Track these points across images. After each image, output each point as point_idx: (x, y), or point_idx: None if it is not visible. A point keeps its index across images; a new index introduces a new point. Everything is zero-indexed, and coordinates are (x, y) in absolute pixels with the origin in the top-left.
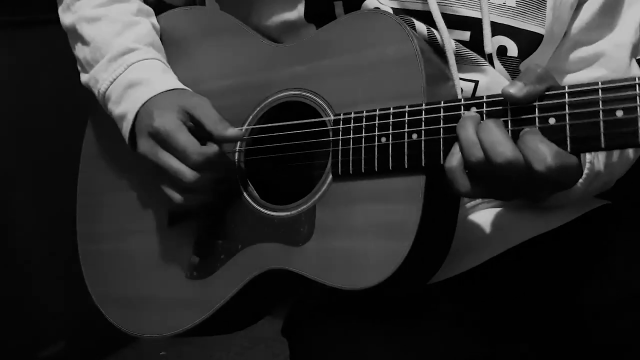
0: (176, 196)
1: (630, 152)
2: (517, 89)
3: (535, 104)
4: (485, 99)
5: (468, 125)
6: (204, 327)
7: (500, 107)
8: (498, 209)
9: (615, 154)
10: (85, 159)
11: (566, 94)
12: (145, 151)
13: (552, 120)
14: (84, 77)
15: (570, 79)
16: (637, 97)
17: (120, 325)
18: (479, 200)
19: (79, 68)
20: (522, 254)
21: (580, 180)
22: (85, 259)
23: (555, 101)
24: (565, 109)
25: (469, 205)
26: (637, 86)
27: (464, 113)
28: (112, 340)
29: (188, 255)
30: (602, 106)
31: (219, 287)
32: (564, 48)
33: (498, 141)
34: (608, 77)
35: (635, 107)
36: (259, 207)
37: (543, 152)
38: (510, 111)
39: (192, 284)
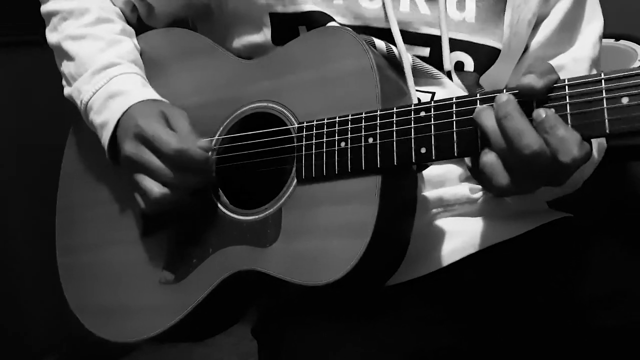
0: (155, 191)
1: (595, 154)
2: (534, 80)
3: (477, 106)
4: (432, 103)
5: (490, 112)
6: (177, 330)
7: (447, 110)
8: (460, 217)
9: None
10: (63, 177)
11: (566, 87)
12: (130, 151)
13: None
14: (67, 90)
15: None
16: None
17: (98, 333)
18: (441, 209)
19: (64, 83)
20: (488, 257)
21: None
22: (63, 271)
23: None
24: (566, 99)
25: (434, 211)
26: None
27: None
28: (104, 354)
29: (161, 262)
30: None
31: (191, 291)
32: (525, 63)
33: (522, 130)
34: None
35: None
36: (228, 212)
37: (568, 143)
38: (455, 113)
39: (165, 289)
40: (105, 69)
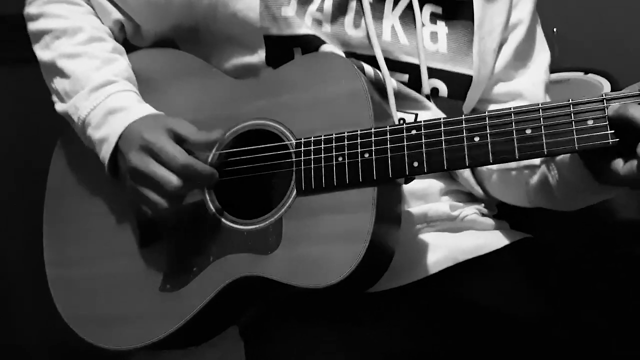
0: (161, 200)
1: None
2: None
3: (462, 126)
4: (422, 122)
5: (636, 105)
6: (179, 335)
7: (436, 129)
8: (441, 233)
9: None
10: (50, 192)
11: (486, 117)
12: (137, 162)
13: (476, 139)
14: (60, 106)
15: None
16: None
17: (96, 342)
18: (425, 224)
19: (55, 99)
20: (467, 269)
21: None
22: (54, 284)
23: (479, 123)
24: (487, 129)
25: (419, 226)
26: (540, 110)
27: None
28: None
29: (161, 272)
30: (515, 126)
31: (192, 298)
32: (489, 84)
33: None
34: None
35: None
36: (228, 223)
37: None
38: (443, 132)
39: (165, 296)
40: (103, 86)
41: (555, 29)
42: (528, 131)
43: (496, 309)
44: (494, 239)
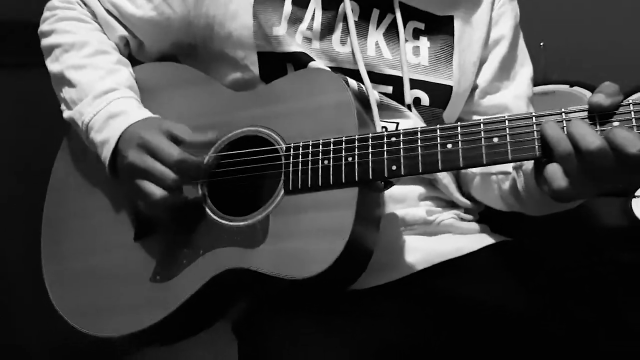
0: (157, 193)
1: None
2: (601, 99)
3: (437, 134)
4: (401, 130)
5: (553, 124)
6: (167, 325)
7: (414, 137)
8: (419, 236)
9: None
10: (52, 190)
11: (459, 127)
12: (134, 158)
13: (449, 145)
14: (67, 113)
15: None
16: (507, 129)
17: (87, 330)
18: (404, 227)
19: (63, 107)
20: (446, 269)
21: None
22: (50, 278)
23: (451, 132)
24: (458, 137)
25: (398, 229)
26: (506, 121)
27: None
28: None
29: (153, 264)
30: (484, 134)
31: (181, 288)
32: (476, 97)
33: (587, 133)
34: None
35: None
36: (218, 219)
37: (635, 138)
38: (419, 139)
39: (155, 286)
40: (105, 93)
41: (542, 43)
42: (495, 139)
43: (473, 301)
44: (472, 242)
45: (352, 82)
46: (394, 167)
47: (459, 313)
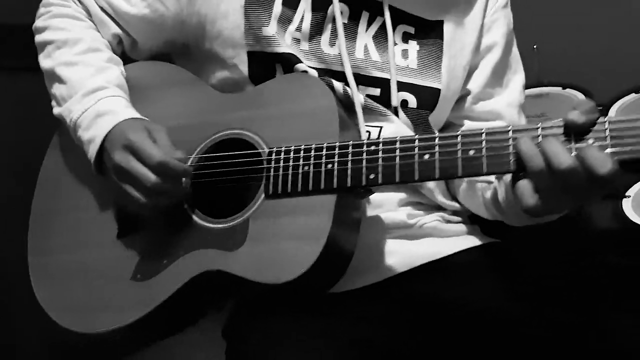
0: (141, 195)
1: None
2: (577, 117)
3: (415, 144)
4: (381, 139)
5: (528, 140)
6: (147, 322)
7: (392, 146)
8: (398, 240)
9: None
10: (41, 184)
11: (437, 138)
12: (120, 160)
13: (426, 156)
14: (57, 110)
15: (481, 125)
16: (483, 142)
17: (69, 326)
18: (383, 231)
19: (54, 103)
20: (428, 271)
21: None
22: (34, 271)
23: (429, 142)
24: (436, 148)
25: (378, 233)
26: (483, 134)
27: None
28: None
29: (134, 262)
30: (461, 147)
31: (161, 287)
32: (469, 103)
33: (560, 151)
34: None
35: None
36: (200, 221)
37: (605, 159)
38: (398, 149)
39: (136, 285)
40: (94, 91)
41: (535, 46)
42: (471, 152)
43: (453, 304)
44: (454, 244)
45: (338, 85)
46: (372, 176)
47: (438, 315)
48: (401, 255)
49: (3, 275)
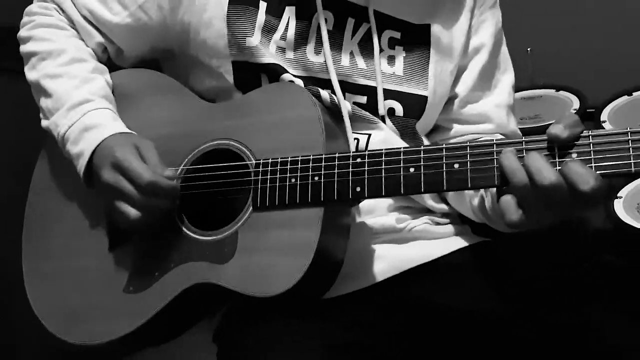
0: (131, 213)
1: None
2: (560, 131)
3: (401, 157)
4: (367, 152)
5: (510, 155)
6: (141, 333)
7: (378, 159)
8: (387, 244)
9: None
10: (34, 190)
11: (421, 151)
12: (109, 179)
13: (411, 170)
14: (44, 123)
15: (469, 128)
16: (467, 155)
17: (62, 336)
18: (372, 236)
19: (41, 115)
20: (417, 274)
21: None
22: (29, 277)
23: (414, 156)
24: (420, 162)
25: (367, 238)
26: (468, 147)
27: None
28: None
29: (126, 274)
30: (445, 160)
31: (153, 299)
32: (457, 106)
33: (543, 167)
34: (494, 130)
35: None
36: (190, 233)
37: (587, 175)
38: (384, 162)
39: (128, 297)
40: (80, 104)
41: (529, 49)
42: (456, 165)
43: (444, 307)
44: (444, 246)
45: (325, 94)
46: (358, 189)
47: (429, 318)
48: (391, 259)
49: (3, 275)
